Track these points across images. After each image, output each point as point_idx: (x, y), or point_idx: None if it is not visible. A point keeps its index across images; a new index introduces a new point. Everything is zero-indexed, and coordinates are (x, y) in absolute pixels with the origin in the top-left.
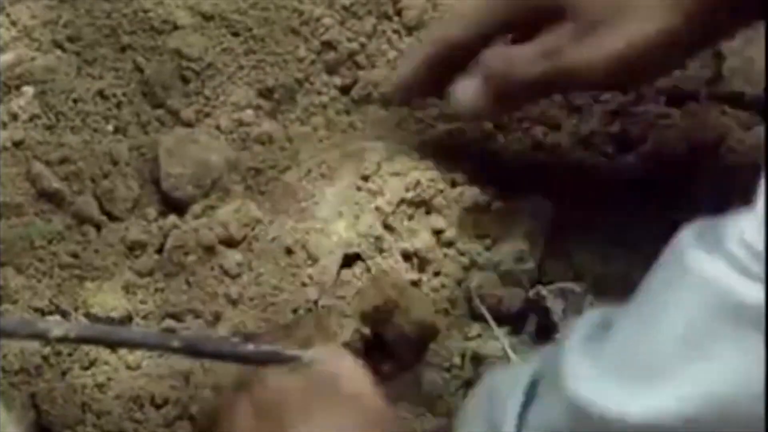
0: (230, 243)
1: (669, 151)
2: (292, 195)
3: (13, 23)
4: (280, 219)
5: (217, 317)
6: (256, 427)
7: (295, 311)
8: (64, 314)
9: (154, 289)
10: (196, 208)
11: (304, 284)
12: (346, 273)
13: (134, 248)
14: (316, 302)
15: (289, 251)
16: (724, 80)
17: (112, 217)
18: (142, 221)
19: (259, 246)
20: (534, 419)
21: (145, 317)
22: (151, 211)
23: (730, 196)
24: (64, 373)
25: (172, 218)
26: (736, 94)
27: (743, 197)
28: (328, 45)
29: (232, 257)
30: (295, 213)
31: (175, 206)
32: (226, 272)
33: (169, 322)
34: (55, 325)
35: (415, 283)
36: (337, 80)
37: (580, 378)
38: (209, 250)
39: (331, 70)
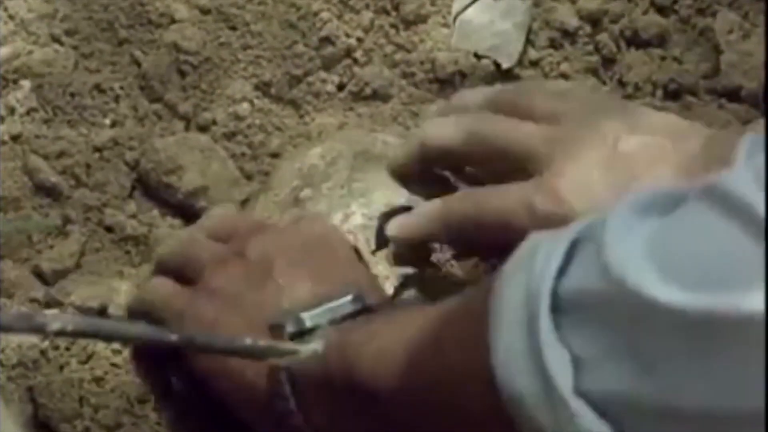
0: None
1: None
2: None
3: (11, 17)
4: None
5: None
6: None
7: None
8: (62, 308)
9: None
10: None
11: None
12: None
13: (129, 242)
14: None
15: None
16: (722, 74)
17: (108, 211)
18: (138, 215)
19: None
20: (569, 280)
21: None
22: (148, 205)
23: None
24: (61, 367)
25: (170, 214)
26: (733, 88)
27: None
28: (326, 40)
29: None
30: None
31: (173, 203)
32: None
33: None
34: (52, 319)
35: None
36: (335, 75)
37: (619, 247)
38: None
39: (328, 65)
